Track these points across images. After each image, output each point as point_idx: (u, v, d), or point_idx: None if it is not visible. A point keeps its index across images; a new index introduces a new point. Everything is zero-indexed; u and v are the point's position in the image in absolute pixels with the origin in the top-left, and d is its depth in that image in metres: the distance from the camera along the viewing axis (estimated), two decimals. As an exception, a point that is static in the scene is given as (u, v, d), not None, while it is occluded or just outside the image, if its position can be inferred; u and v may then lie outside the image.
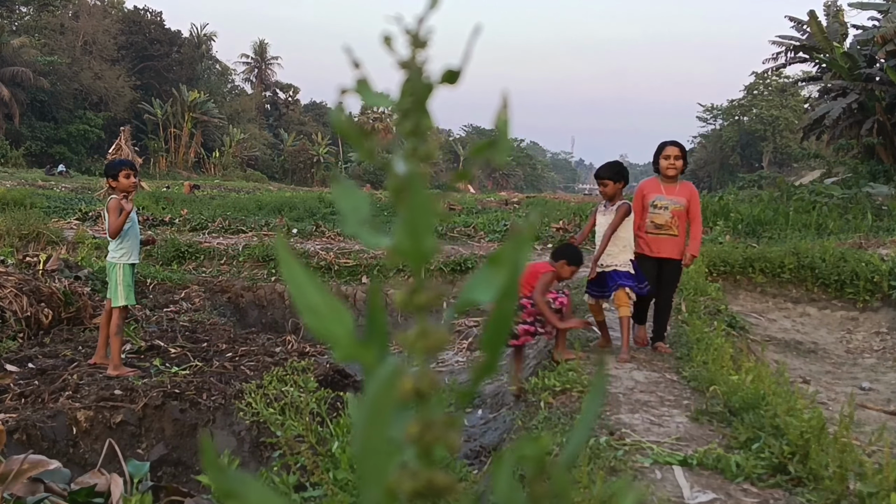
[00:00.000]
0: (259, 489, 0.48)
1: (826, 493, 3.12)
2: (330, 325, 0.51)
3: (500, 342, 0.51)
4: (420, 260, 0.50)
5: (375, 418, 0.48)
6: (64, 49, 53.91)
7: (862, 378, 6.56)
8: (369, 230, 0.52)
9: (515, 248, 0.51)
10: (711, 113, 72.30)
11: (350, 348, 0.51)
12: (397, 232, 0.50)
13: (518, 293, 0.51)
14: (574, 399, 4.51)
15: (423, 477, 0.48)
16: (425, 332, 0.51)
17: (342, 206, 0.54)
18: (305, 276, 0.51)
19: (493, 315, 0.51)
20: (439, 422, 0.49)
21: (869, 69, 25.53)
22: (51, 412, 4.87)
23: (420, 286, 0.51)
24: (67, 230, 13.10)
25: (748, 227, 15.24)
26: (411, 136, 0.53)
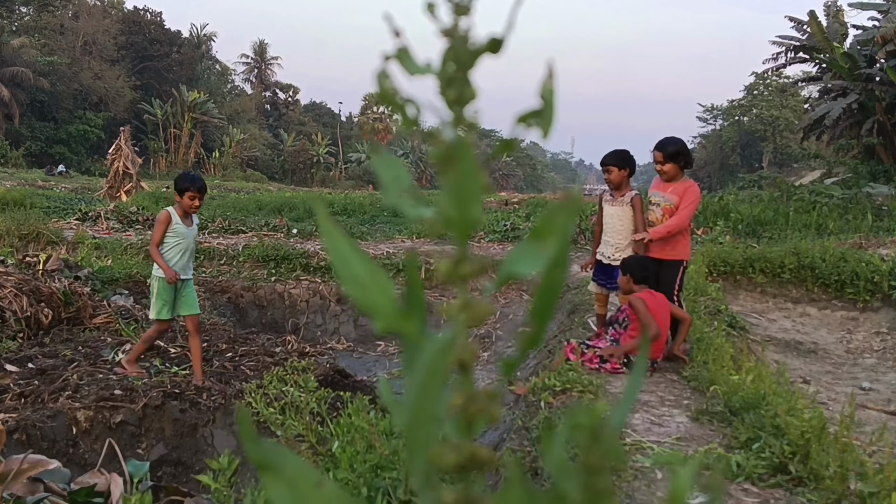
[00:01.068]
0: (294, 460, 0.48)
1: (827, 492, 3.12)
2: (373, 295, 0.50)
3: (548, 314, 0.51)
4: (466, 229, 0.50)
5: (426, 389, 0.47)
6: (64, 49, 53.91)
7: (862, 378, 6.56)
8: (410, 200, 0.52)
9: (563, 215, 0.51)
10: (711, 113, 72.34)
11: (393, 319, 0.50)
12: (443, 200, 0.49)
13: (568, 262, 0.51)
14: (574, 399, 4.51)
15: (466, 450, 0.48)
16: (468, 303, 0.50)
17: (383, 176, 0.53)
18: (348, 245, 0.51)
19: (542, 286, 0.50)
20: (482, 393, 0.49)
21: (869, 69, 25.53)
22: (51, 412, 4.87)
23: (464, 256, 0.51)
24: (67, 230, 13.09)
25: (748, 227, 15.24)
26: (455, 104, 0.52)
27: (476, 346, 0.49)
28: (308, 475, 0.48)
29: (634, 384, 0.56)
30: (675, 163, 5.64)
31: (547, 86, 0.52)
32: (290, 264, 11.16)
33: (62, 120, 52.43)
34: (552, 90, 0.53)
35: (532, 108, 0.53)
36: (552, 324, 8.05)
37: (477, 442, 0.49)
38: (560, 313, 8.45)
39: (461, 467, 0.48)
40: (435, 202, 0.50)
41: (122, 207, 16.98)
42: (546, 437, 0.49)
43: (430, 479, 0.49)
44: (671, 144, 5.68)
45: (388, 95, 0.52)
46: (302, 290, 10.32)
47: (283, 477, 0.47)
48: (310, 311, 10.13)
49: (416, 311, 0.51)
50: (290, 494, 0.47)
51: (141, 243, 11.95)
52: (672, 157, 5.64)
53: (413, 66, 0.52)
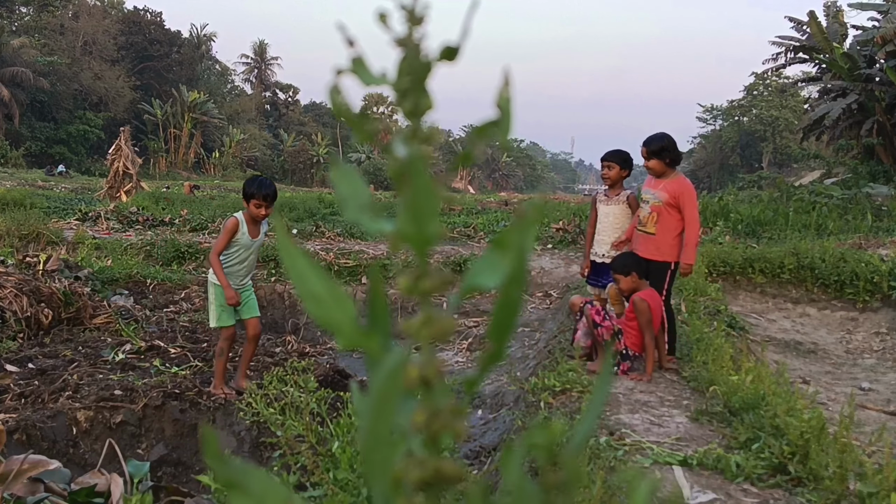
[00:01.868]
0: (262, 478, 0.48)
1: (826, 493, 3.12)
2: (333, 312, 0.50)
3: (508, 330, 0.50)
4: (424, 244, 0.49)
5: (381, 407, 0.47)
6: (64, 49, 53.92)
7: (862, 378, 6.56)
8: (370, 216, 0.51)
9: (521, 230, 0.50)
10: (711, 113, 72.31)
11: (354, 336, 0.50)
12: (400, 216, 0.48)
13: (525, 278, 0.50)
14: (574, 399, 4.51)
15: (431, 466, 0.47)
16: (431, 318, 0.49)
17: (342, 192, 0.53)
18: (307, 264, 0.50)
19: (500, 301, 0.50)
20: (446, 410, 0.48)
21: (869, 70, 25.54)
22: (51, 412, 4.87)
23: (425, 272, 0.50)
24: (67, 230, 13.09)
25: (748, 227, 15.24)
26: (411, 116, 0.51)
27: (439, 363, 0.49)
28: (276, 493, 0.48)
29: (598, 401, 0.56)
30: (660, 159, 5.54)
31: (503, 94, 0.52)
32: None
33: (62, 120, 52.43)
34: (508, 98, 0.52)
35: (489, 119, 0.52)
36: (552, 324, 8.05)
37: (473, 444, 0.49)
38: (560, 314, 8.46)
39: (426, 483, 0.47)
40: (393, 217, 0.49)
41: (123, 207, 16.98)
42: (504, 457, 0.49)
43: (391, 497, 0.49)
44: (655, 141, 5.58)
45: (342, 110, 0.52)
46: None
47: (250, 496, 0.47)
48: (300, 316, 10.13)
49: (378, 325, 0.50)
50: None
51: (141, 243, 11.95)
52: (656, 154, 5.54)
53: (368, 77, 0.52)
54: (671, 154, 5.57)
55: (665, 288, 5.49)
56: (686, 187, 5.56)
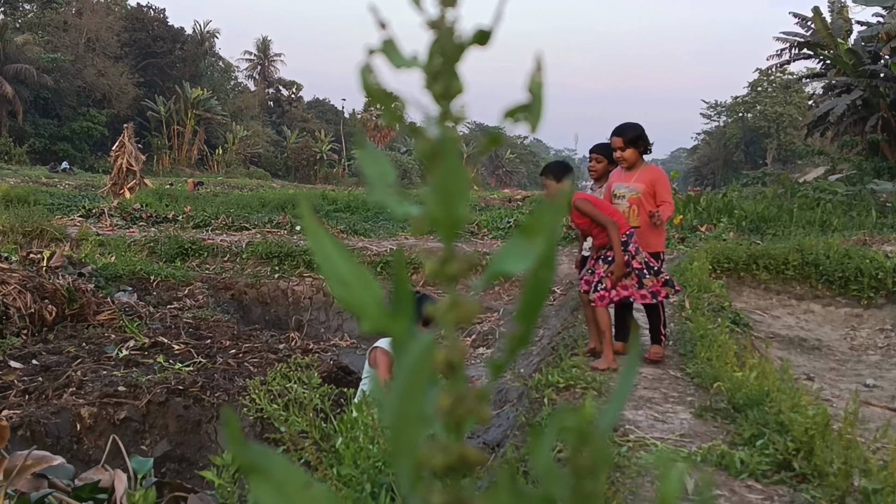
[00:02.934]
0: (282, 463, 0.48)
1: (830, 489, 3.11)
2: (359, 294, 0.50)
3: (536, 313, 0.50)
4: (452, 227, 0.49)
5: (410, 390, 0.47)
6: (67, 46, 53.95)
7: (866, 375, 6.55)
8: (396, 197, 0.51)
9: (551, 214, 0.50)
10: (715, 110, 72.19)
11: (379, 318, 0.50)
12: (429, 198, 0.48)
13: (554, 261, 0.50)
14: (577, 396, 4.51)
15: (455, 451, 0.47)
16: (456, 302, 0.49)
17: (369, 173, 0.52)
18: (333, 245, 0.50)
19: (529, 286, 0.50)
20: (470, 394, 0.48)
21: (873, 66, 25.47)
22: (54, 409, 4.88)
23: (451, 255, 0.50)
24: (71, 227, 13.11)
25: (752, 223, 15.22)
26: (441, 99, 0.50)
27: (465, 346, 0.49)
28: (295, 477, 0.48)
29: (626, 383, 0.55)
30: (635, 148, 5.46)
31: (535, 79, 0.51)
32: (294, 261, 11.17)
33: (66, 117, 52.48)
34: (540, 84, 0.51)
35: (520, 102, 0.52)
36: (555, 321, 8.05)
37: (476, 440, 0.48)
38: (563, 310, 8.45)
39: (450, 468, 0.47)
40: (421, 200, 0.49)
41: (126, 204, 17.01)
42: (534, 439, 0.48)
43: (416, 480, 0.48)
44: (630, 129, 5.50)
45: (372, 90, 0.51)
46: (305, 286, 10.32)
47: (270, 479, 0.47)
48: (313, 308, 10.14)
49: (402, 309, 0.50)
50: (277, 497, 0.47)
51: (144, 240, 11.96)
52: (632, 143, 5.46)
53: (399, 60, 0.51)
54: (645, 143, 5.50)
55: None
56: (659, 174, 5.55)
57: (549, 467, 0.47)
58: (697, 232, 14.51)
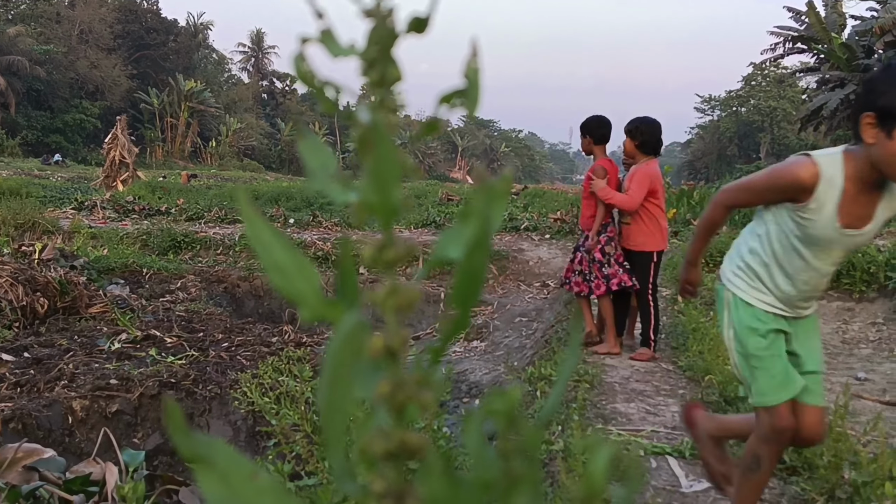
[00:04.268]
0: (227, 452, 0.47)
1: (821, 481, 3.13)
2: (297, 283, 0.49)
3: (472, 297, 0.49)
4: (388, 214, 0.48)
5: (337, 374, 0.46)
6: (60, 38, 53.73)
7: (858, 368, 6.57)
8: (338, 186, 0.51)
9: (487, 199, 0.49)
10: (709, 104, 72.26)
11: (318, 307, 0.49)
12: (363, 185, 0.48)
13: (489, 245, 0.49)
14: (570, 388, 4.51)
15: (396, 437, 0.47)
16: (395, 289, 0.49)
17: (310, 162, 0.52)
18: (270, 232, 0.50)
19: (462, 269, 0.49)
20: (411, 380, 0.48)
21: (867, 60, 25.52)
22: (46, 401, 4.87)
23: (389, 241, 0.50)
24: (63, 220, 13.07)
25: (745, 217, 15.24)
26: (377, 86, 0.50)
27: (405, 332, 0.48)
28: (242, 467, 0.47)
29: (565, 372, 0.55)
30: (631, 139, 5.43)
31: (472, 65, 0.51)
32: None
33: (58, 109, 52.27)
34: (477, 69, 0.51)
35: (456, 88, 0.52)
36: (549, 314, 8.06)
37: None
38: (557, 303, 8.46)
39: (391, 455, 0.47)
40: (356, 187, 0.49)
41: (119, 197, 16.96)
42: (465, 423, 0.48)
43: (348, 470, 0.48)
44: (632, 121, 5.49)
45: (307, 78, 0.51)
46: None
47: (215, 470, 0.46)
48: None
49: (348, 297, 0.50)
50: (223, 488, 0.46)
51: (137, 232, 11.93)
52: (628, 133, 5.45)
53: (336, 48, 0.52)
54: (641, 136, 5.39)
55: (651, 279, 5.42)
56: (640, 169, 5.37)
57: (478, 451, 0.47)
58: (691, 226, 14.53)
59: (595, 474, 0.48)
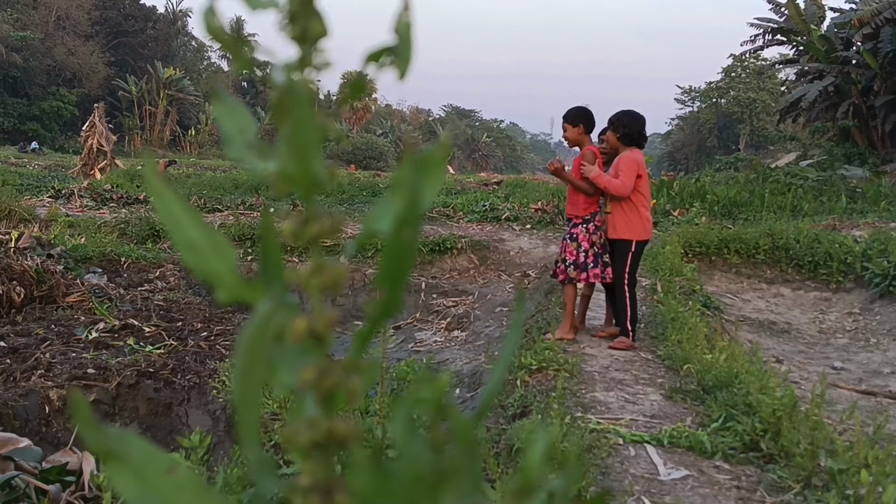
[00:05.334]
0: (141, 446, 0.44)
1: (797, 469, 3.16)
2: (211, 262, 0.46)
3: (401, 276, 0.46)
4: (310, 185, 0.45)
5: (250, 365, 0.43)
6: (37, 24, 52.96)
7: (834, 358, 6.64)
8: (256, 155, 0.46)
9: (415, 168, 0.45)
10: (689, 95, 72.48)
11: (235, 287, 0.46)
12: (281, 154, 0.44)
13: (418, 219, 0.45)
14: (550, 377, 4.53)
15: (323, 426, 0.44)
16: (320, 267, 0.45)
17: (226, 128, 0.48)
18: (182, 207, 0.46)
19: (389, 246, 0.45)
20: (338, 366, 0.45)
21: (846, 52, 25.70)
22: (23, 391, 4.82)
23: (313, 216, 0.46)
24: (40, 208, 12.93)
25: (724, 208, 15.34)
26: (300, 42, 0.46)
27: (332, 314, 0.45)
28: (157, 461, 0.44)
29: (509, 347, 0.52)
30: (613, 131, 5.47)
31: (403, 19, 0.47)
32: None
33: (35, 96, 51.59)
34: (409, 24, 0.47)
35: (384, 45, 0.47)
36: (530, 304, 8.07)
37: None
38: (538, 293, 8.48)
39: (318, 445, 0.44)
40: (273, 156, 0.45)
41: (97, 185, 16.79)
42: (392, 413, 0.45)
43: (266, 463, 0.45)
44: (616, 114, 5.51)
45: (218, 33, 0.47)
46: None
47: (129, 465, 0.43)
48: (287, 291, 10.08)
49: (271, 277, 0.47)
50: (137, 483, 0.43)
51: (115, 221, 11.82)
52: (611, 125, 5.51)
53: (255, 1, 0.47)
54: (623, 128, 5.41)
55: (626, 267, 5.40)
56: (623, 156, 5.39)
57: (406, 443, 0.44)
58: (670, 216, 14.61)
59: (531, 465, 0.46)
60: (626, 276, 5.39)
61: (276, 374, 0.46)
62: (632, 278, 5.43)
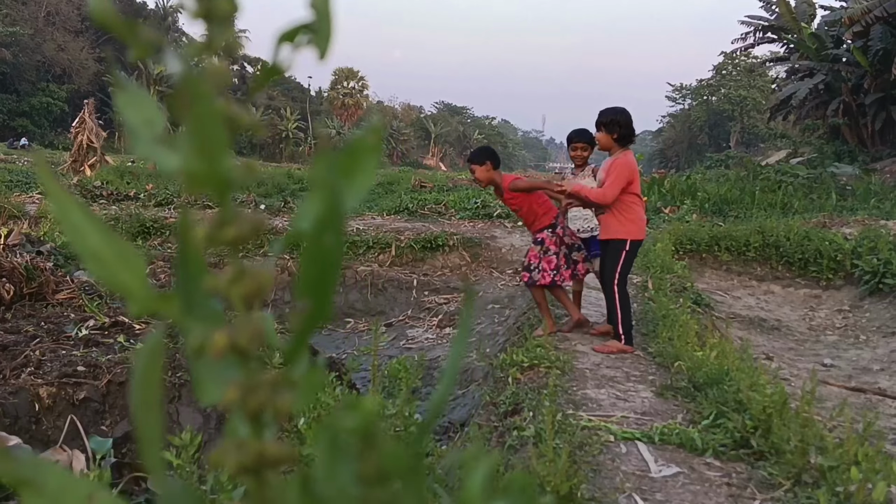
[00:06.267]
0: (58, 473, 0.40)
1: (787, 466, 3.17)
2: (118, 273, 0.42)
3: (328, 282, 0.42)
4: (220, 184, 0.40)
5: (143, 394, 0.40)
6: (26, 20, 52.65)
7: (824, 355, 6.67)
8: (164, 150, 0.42)
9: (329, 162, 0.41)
10: (680, 93, 72.68)
11: (147, 300, 0.42)
12: (184, 151, 0.39)
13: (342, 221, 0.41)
14: (541, 375, 4.53)
15: (252, 449, 0.40)
16: (241, 273, 0.42)
17: (131, 119, 0.44)
18: (83, 214, 0.41)
19: (309, 251, 0.41)
20: (266, 382, 0.41)
21: (836, 50, 25.81)
22: (12, 388, 4.79)
23: (229, 217, 0.42)
24: (30, 204, 12.86)
25: (715, 205, 15.39)
26: (206, 19, 0.41)
27: (257, 325, 0.41)
28: (76, 489, 0.40)
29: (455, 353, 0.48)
30: (608, 132, 5.35)
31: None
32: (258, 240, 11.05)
33: (24, 92, 51.31)
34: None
35: (300, 22, 0.43)
36: (521, 301, 8.07)
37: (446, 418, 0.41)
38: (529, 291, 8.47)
39: (247, 469, 0.40)
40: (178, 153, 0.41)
41: (87, 182, 16.72)
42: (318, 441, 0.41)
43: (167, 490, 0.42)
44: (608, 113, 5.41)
45: (106, 19, 0.43)
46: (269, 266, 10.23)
47: (45, 495, 0.40)
48: (278, 288, 10.06)
49: (187, 286, 0.43)
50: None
51: (105, 218, 11.76)
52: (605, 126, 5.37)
53: None
54: (621, 129, 5.31)
55: (618, 267, 5.26)
56: (618, 160, 5.27)
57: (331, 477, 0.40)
58: (661, 214, 14.64)
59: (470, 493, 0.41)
60: (617, 277, 5.24)
61: (200, 392, 0.42)
62: (622, 279, 5.27)
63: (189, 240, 0.42)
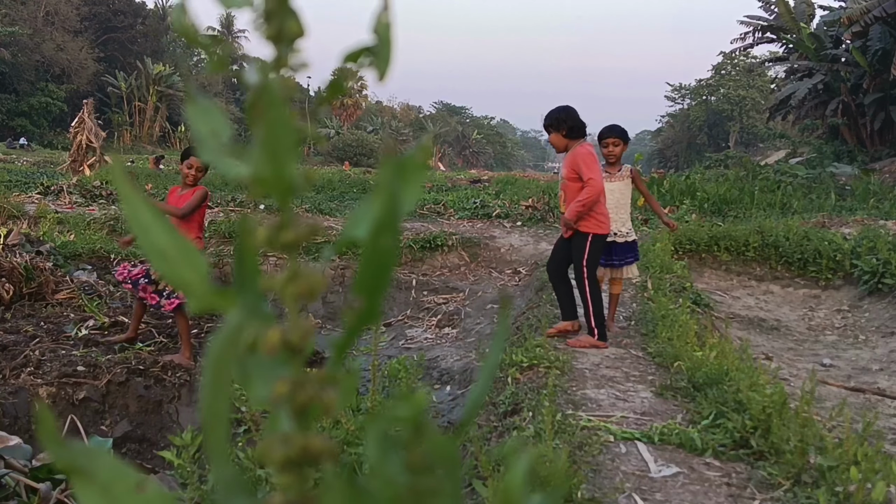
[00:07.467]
0: (109, 462, 0.42)
1: (787, 466, 3.17)
2: (181, 270, 0.44)
3: (381, 285, 0.44)
4: (285, 189, 0.43)
5: (218, 380, 0.42)
6: (25, 19, 52.60)
7: (823, 354, 6.67)
8: (230, 158, 0.45)
9: (394, 172, 0.44)
10: (679, 92, 72.70)
11: (206, 296, 0.44)
12: (254, 156, 0.42)
13: (398, 225, 0.44)
14: (541, 375, 4.53)
15: (297, 442, 0.42)
16: (296, 274, 0.44)
17: (200, 129, 0.46)
18: (152, 214, 0.44)
19: (368, 253, 0.44)
20: (313, 379, 0.43)
21: (835, 50, 25.83)
22: (12, 388, 4.80)
23: (288, 221, 0.44)
24: (29, 204, 12.85)
25: (714, 205, 15.39)
26: (275, 41, 0.44)
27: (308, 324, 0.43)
28: (125, 478, 0.42)
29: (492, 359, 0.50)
30: (557, 131, 5.32)
31: (382, 19, 0.46)
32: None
33: (24, 92, 51.27)
34: (388, 24, 0.46)
35: (363, 45, 0.46)
36: (520, 301, 8.08)
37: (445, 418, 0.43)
38: (528, 290, 8.49)
39: (292, 462, 0.42)
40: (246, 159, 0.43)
41: (86, 182, 16.70)
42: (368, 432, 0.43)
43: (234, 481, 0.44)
44: (550, 115, 5.38)
45: (188, 32, 0.46)
46: (269, 266, 10.24)
47: (96, 482, 0.41)
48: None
49: (247, 285, 0.45)
50: (104, 500, 0.41)
51: (104, 218, 11.77)
52: (553, 127, 5.35)
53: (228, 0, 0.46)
54: (567, 124, 5.29)
55: (584, 258, 5.25)
56: (577, 153, 5.25)
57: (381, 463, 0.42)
58: (663, 213, 14.63)
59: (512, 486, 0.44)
60: (585, 268, 5.25)
61: (249, 387, 0.44)
62: (591, 271, 5.27)
63: (248, 241, 0.45)
